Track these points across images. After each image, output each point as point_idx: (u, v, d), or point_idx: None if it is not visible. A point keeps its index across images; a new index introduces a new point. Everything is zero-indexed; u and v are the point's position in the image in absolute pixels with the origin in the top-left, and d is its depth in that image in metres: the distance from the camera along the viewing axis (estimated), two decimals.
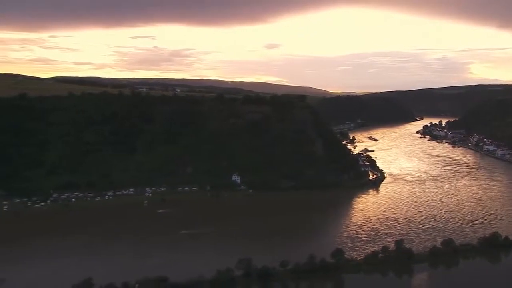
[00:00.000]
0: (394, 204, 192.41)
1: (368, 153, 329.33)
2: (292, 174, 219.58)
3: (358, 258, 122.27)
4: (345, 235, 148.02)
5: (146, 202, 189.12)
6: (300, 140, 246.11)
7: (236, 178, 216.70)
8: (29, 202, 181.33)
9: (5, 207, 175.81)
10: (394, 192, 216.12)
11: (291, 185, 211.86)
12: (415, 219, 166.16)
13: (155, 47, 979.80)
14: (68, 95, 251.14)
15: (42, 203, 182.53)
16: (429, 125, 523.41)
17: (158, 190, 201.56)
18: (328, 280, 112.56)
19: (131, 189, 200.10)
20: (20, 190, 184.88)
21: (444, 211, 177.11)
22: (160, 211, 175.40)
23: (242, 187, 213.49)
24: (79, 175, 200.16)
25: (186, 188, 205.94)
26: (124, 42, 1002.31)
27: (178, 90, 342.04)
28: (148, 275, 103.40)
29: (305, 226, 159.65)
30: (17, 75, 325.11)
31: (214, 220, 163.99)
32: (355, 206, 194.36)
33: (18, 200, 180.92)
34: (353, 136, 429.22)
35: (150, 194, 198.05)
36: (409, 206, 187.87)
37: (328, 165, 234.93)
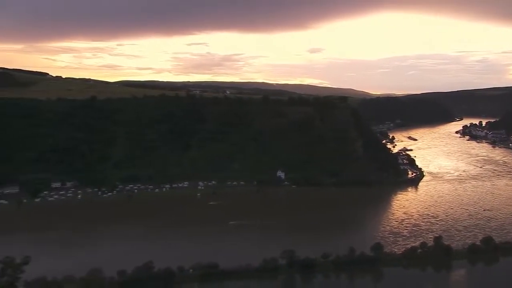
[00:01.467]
0: (435, 201, 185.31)
1: (407, 152, 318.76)
2: (334, 171, 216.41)
3: (397, 253, 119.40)
4: (387, 230, 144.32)
5: (199, 194, 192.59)
6: (341, 139, 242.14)
7: (280, 174, 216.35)
8: (99, 192, 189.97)
9: (79, 196, 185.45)
10: (434, 190, 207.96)
11: (333, 182, 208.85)
12: (456, 217, 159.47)
13: (208, 53, 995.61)
14: (132, 97, 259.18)
15: (110, 193, 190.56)
16: (468, 125, 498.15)
17: (209, 184, 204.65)
18: (367, 272, 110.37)
19: (185, 183, 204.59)
20: (91, 181, 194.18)
21: (484, 210, 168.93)
22: (211, 203, 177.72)
23: (286, 182, 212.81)
24: (140, 169, 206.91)
25: (234, 183, 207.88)
26: (181, 49, 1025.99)
27: (228, 92, 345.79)
28: (201, 261, 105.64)
29: (345, 220, 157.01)
30: (89, 80, 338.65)
31: (259, 212, 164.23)
32: (395, 203, 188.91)
33: (90, 190, 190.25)
34: (393, 136, 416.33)
35: (202, 187, 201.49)
36: (450, 203, 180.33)
37: (368, 163, 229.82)
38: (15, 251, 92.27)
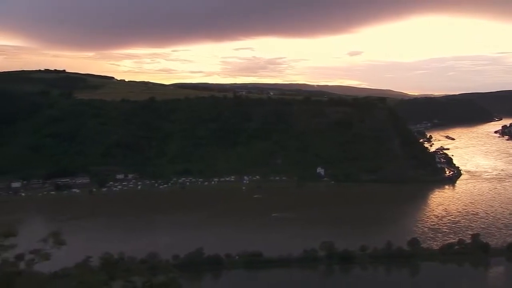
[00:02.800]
0: (474, 199, 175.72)
1: (445, 151, 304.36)
2: (372, 168, 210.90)
3: (435, 248, 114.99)
4: (426, 226, 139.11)
5: (244, 188, 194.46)
6: (380, 137, 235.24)
7: (320, 170, 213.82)
8: (156, 184, 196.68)
9: (139, 187, 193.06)
10: (473, 188, 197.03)
11: (371, 178, 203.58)
12: (496, 215, 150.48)
13: (254, 56, 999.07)
14: (185, 99, 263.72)
15: (165, 185, 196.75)
16: (508, 125, 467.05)
17: (253, 178, 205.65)
18: (404, 266, 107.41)
19: (232, 177, 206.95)
20: (149, 174, 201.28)
21: None
22: (255, 196, 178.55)
23: (326, 178, 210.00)
24: (192, 163, 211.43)
25: (277, 178, 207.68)
26: (229, 54, 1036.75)
27: (272, 93, 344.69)
28: (246, 249, 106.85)
29: (383, 215, 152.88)
30: (147, 83, 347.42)
31: (300, 206, 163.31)
32: (433, 200, 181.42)
33: (148, 182, 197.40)
34: (430, 135, 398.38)
35: (247, 182, 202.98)
36: (489, 201, 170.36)
37: (405, 161, 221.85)
38: (89, 235, 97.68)
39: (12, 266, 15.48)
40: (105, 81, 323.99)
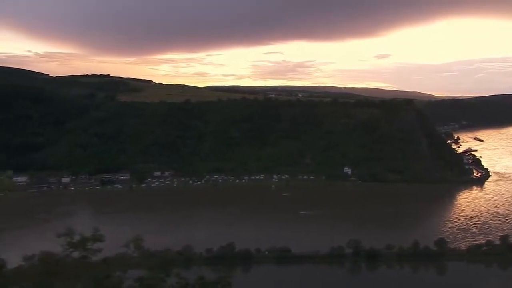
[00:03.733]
0: (504, 200, 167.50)
1: (473, 152, 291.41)
2: (399, 168, 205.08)
3: (462, 249, 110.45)
4: (455, 226, 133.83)
5: (273, 186, 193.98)
6: (407, 138, 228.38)
7: (347, 170, 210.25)
8: (190, 181, 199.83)
9: (175, 183, 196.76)
10: (504, 189, 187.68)
11: (397, 178, 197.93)
12: None
13: (283, 60, 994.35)
14: (218, 100, 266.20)
15: (199, 182, 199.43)
16: None
17: (282, 176, 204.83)
18: (430, 265, 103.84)
19: (262, 175, 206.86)
20: (184, 171, 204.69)
21: None
22: (284, 194, 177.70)
23: (352, 178, 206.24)
24: (224, 162, 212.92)
25: (305, 177, 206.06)
26: (259, 57, 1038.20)
27: (300, 95, 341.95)
28: (275, 245, 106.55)
29: (410, 215, 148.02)
30: (183, 86, 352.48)
31: (328, 204, 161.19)
32: (461, 201, 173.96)
33: (183, 179, 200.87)
34: (458, 136, 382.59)
35: (277, 180, 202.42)
36: None
37: (432, 161, 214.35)
38: (132, 229, 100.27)
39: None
40: (145, 85, 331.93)
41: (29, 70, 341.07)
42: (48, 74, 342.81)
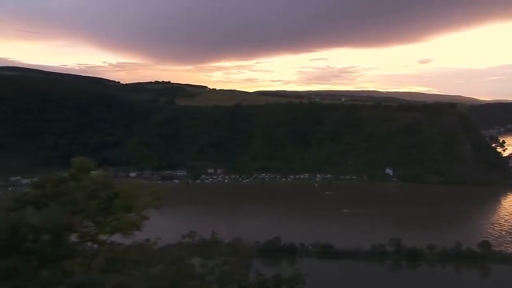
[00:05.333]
0: None
1: None
2: (441, 170, 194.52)
3: (507, 252, 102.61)
4: (503, 229, 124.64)
5: (316, 185, 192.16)
6: (449, 141, 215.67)
7: (389, 171, 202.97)
8: (240, 178, 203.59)
9: (226, 180, 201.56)
10: None
11: (440, 180, 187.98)
12: None
13: (327, 66, 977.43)
14: (266, 104, 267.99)
15: (247, 180, 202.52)
16: None
17: (325, 176, 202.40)
18: (473, 266, 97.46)
19: (305, 174, 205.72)
20: (234, 169, 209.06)
21: None
22: (327, 192, 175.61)
23: (394, 179, 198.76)
24: (270, 161, 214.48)
25: (347, 177, 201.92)
26: (305, 64, 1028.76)
27: (343, 99, 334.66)
28: (318, 241, 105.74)
29: (452, 216, 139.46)
30: (234, 91, 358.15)
31: (369, 203, 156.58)
32: (506, 204, 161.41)
33: (233, 176, 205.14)
34: (503, 140, 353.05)
35: (320, 179, 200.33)
36: None
37: (476, 164, 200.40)
38: (192, 219, 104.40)
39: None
40: (200, 90, 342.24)
41: (103, 79, 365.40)
42: (119, 82, 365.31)
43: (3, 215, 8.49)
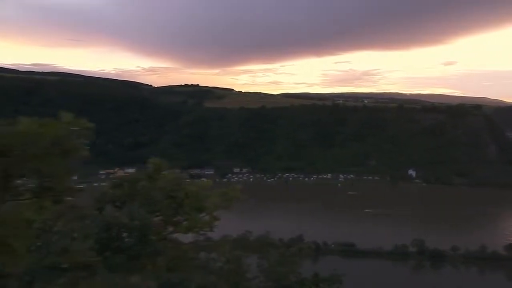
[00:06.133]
0: None
1: None
2: (465, 172, 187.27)
3: None
4: None
5: (339, 185, 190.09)
6: (474, 143, 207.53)
7: (411, 172, 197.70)
8: (264, 177, 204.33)
9: (251, 179, 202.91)
10: None
11: (464, 182, 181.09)
12: None
13: (350, 69, 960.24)
14: (290, 106, 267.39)
15: (272, 179, 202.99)
16: None
17: (348, 176, 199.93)
18: (499, 269, 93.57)
19: (329, 174, 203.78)
20: (259, 168, 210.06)
21: None
22: (349, 192, 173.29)
23: (417, 180, 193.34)
24: (294, 161, 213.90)
25: (369, 177, 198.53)
26: (328, 67, 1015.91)
27: (366, 101, 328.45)
28: (340, 240, 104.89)
29: (477, 218, 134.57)
30: (259, 93, 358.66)
31: (391, 204, 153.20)
32: None
33: (258, 176, 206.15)
34: None
35: (342, 179, 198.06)
36: None
37: (502, 166, 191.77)
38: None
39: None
40: (227, 92, 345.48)
41: (137, 82, 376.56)
42: (151, 85, 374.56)
43: (98, 215, 9.08)
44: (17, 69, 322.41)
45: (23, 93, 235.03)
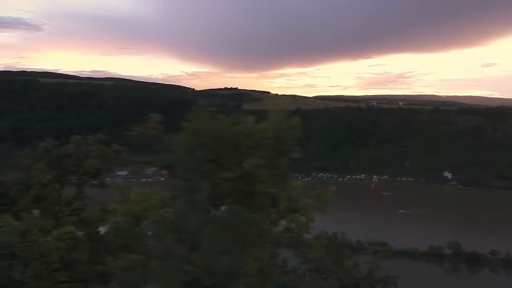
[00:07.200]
0: None
1: None
2: (505, 175, 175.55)
3: None
4: None
5: (373, 185, 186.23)
6: None
7: (447, 174, 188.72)
8: (299, 177, 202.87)
9: None
10: None
11: (503, 185, 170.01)
12: None
13: (384, 72, 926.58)
14: (325, 108, 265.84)
15: (306, 179, 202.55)
16: None
17: (382, 177, 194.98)
18: None
19: (362, 175, 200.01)
20: (294, 168, 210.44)
21: None
22: (383, 193, 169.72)
23: (453, 182, 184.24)
24: (328, 162, 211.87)
25: (404, 178, 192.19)
26: (362, 70, 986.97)
27: (400, 104, 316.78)
28: (374, 239, 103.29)
29: None
30: (295, 96, 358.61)
31: (426, 205, 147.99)
32: None
33: (293, 175, 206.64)
34: None
35: (376, 180, 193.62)
36: None
37: None
38: None
39: None
40: (264, 95, 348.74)
41: (181, 86, 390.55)
42: (193, 89, 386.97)
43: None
44: (79, 75, 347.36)
45: (83, 97, 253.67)
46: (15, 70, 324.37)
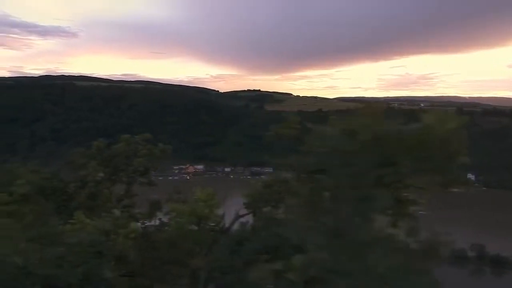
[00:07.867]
0: None
1: None
2: None
3: None
4: None
5: None
6: None
7: (470, 176, 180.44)
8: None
9: None
10: None
11: None
12: None
13: (406, 73, 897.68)
14: (345, 109, 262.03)
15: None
16: None
17: None
18: None
19: None
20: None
21: None
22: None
23: (476, 184, 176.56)
24: None
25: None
26: (383, 71, 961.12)
27: (422, 105, 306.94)
28: None
29: None
30: (316, 97, 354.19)
31: (447, 207, 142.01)
32: None
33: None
34: None
35: None
36: None
37: None
38: None
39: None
40: (286, 97, 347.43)
41: (206, 88, 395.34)
42: (218, 91, 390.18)
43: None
44: (111, 78, 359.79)
45: (115, 99, 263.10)
46: (55, 75, 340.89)
